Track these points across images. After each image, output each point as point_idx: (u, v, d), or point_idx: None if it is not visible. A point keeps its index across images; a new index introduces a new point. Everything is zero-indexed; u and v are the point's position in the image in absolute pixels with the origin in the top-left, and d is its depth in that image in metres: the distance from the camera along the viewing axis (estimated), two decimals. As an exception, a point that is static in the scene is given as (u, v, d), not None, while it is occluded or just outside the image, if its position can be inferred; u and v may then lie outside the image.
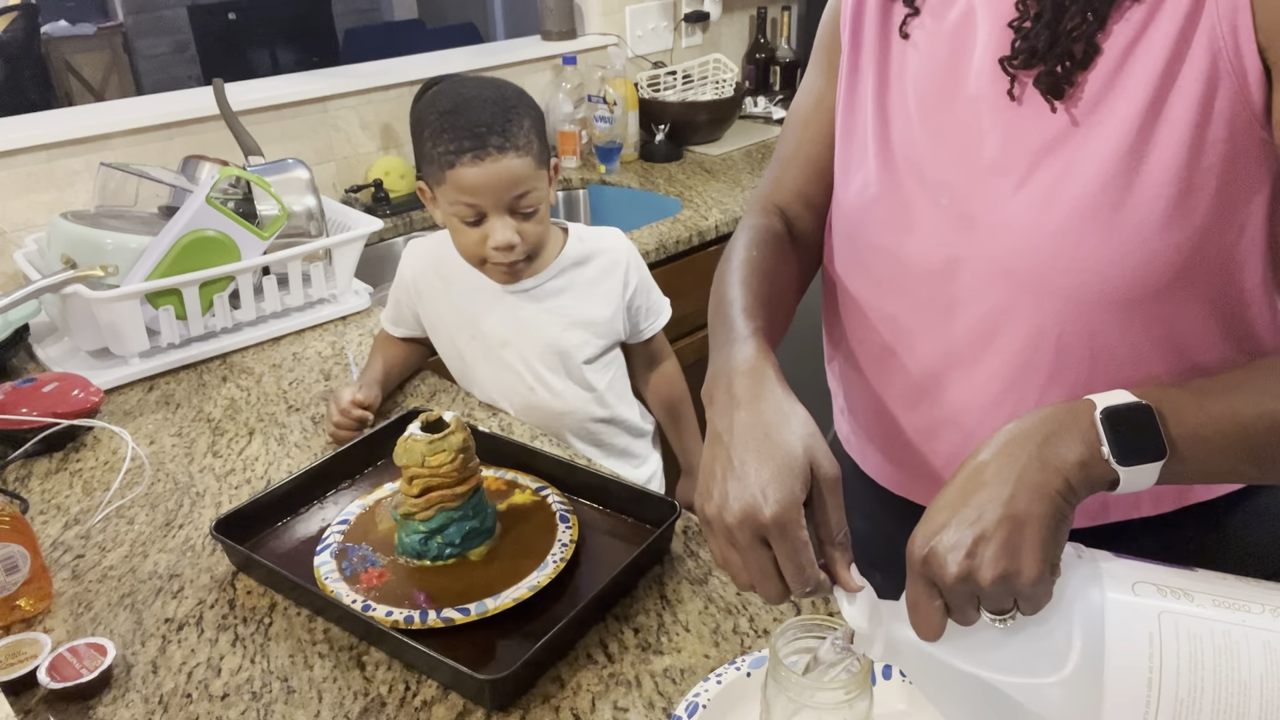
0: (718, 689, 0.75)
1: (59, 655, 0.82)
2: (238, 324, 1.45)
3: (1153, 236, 0.65)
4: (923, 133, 0.75)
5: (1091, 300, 0.68)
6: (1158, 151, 0.64)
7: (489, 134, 1.11)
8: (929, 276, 0.75)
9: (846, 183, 0.82)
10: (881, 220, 0.78)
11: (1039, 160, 0.68)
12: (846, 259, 0.84)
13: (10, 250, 1.57)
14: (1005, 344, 0.73)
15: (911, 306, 0.78)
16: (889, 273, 0.79)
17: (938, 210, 0.74)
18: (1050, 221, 0.68)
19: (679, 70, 2.56)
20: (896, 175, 0.77)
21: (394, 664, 0.83)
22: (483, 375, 1.28)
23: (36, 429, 1.14)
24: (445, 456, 0.90)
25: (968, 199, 0.72)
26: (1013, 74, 0.68)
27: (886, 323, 0.81)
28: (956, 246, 0.73)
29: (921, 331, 0.78)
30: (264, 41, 4.67)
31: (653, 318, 1.33)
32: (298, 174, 1.54)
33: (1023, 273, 0.70)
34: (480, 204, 1.13)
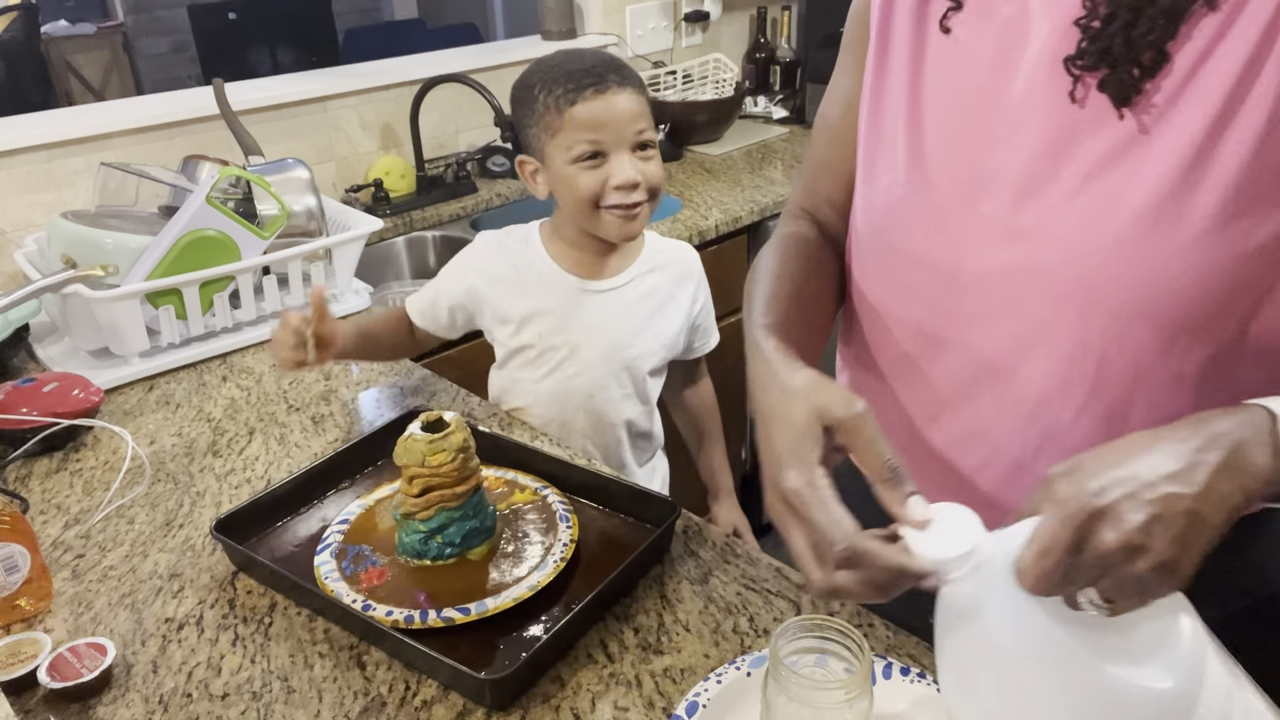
0: (718, 688, 0.75)
1: (59, 655, 0.82)
2: (238, 324, 1.45)
3: (1209, 255, 0.62)
4: (962, 133, 0.72)
5: (1140, 318, 0.65)
6: (1221, 167, 0.61)
7: (607, 70, 1.12)
8: (961, 284, 0.72)
9: (871, 181, 0.79)
10: (910, 222, 0.75)
11: (1097, 168, 0.65)
12: (868, 262, 0.81)
13: (10, 250, 1.57)
14: (1044, 357, 0.69)
15: (940, 314, 0.74)
16: (916, 278, 0.76)
17: (974, 215, 0.71)
18: (1105, 233, 0.64)
19: (679, 70, 2.56)
20: (929, 176, 0.74)
21: (394, 664, 0.83)
22: (545, 374, 1.24)
23: (37, 429, 1.14)
24: (445, 456, 0.90)
25: (1012, 204, 0.69)
26: (1076, 75, 0.65)
27: (909, 330, 0.78)
28: (995, 254, 0.70)
29: (950, 341, 0.74)
30: (264, 41, 4.67)
31: (705, 338, 1.32)
32: (298, 174, 1.54)
33: (1070, 285, 0.66)
34: (602, 139, 1.11)
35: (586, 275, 1.22)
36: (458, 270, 1.25)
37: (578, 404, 1.23)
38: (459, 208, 2.07)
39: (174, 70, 5.11)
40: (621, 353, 1.22)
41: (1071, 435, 0.71)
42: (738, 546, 0.96)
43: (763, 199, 2.05)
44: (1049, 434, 0.71)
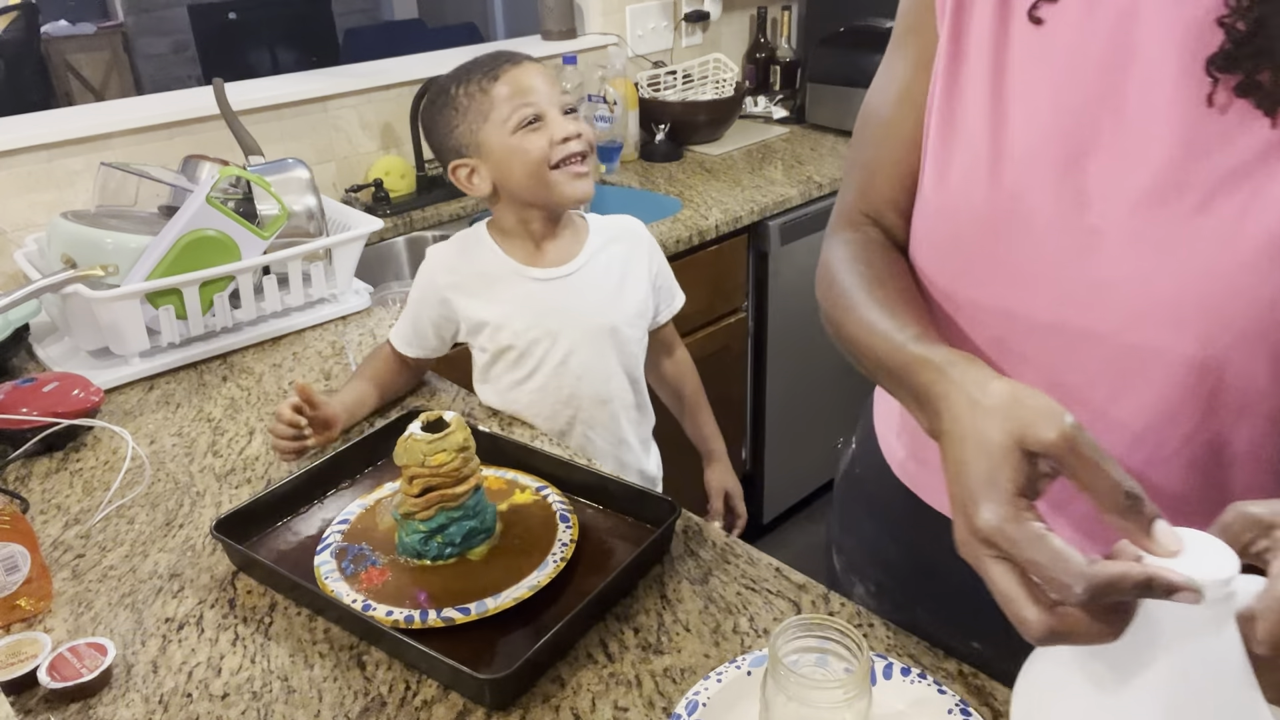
0: (718, 687, 0.76)
1: (59, 655, 0.82)
2: (238, 324, 1.45)
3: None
4: (1061, 136, 0.65)
5: (1265, 346, 0.59)
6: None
7: (510, 52, 1.19)
8: (1056, 298, 0.66)
9: (943, 180, 0.72)
10: (993, 228, 0.68)
11: (1231, 179, 0.59)
12: (937, 268, 0.74)
13: (10, 250, 1.57)
14: (1153, 381, 0.63)
15: (1025, 330, 0.68)
16: (997, 290, 0.69)
17: (1078, 225, 0.64)
18: (1236, 252, 0.59)
19: (679, 70, 2.56)
20: (1019, 181, 0.67)
21: (394, 664, 0.83)
22: (533, 368, 1.24)
23: (37, 429, 1.14)
24: (445, 456, 0.90)
25: (1129, 216, 0.62)
26: (1216, 78, 0.59)
27: (990, 345, 0.71)
28: (1100, 267, 0.63)
29: (1037, 359, 0.68)
30: (264, 41, 4.67)
31: (670, 300, 1.34)
32: (298, 174, 1.54)
33: (1192, 306, 0.61)
34: (537, 101, 1.15)
35: (546, 264, 1.23)
36: (425, 288, 1.25)
37: (570, 390, 1.24)
38: (459, 208, 2.07)
39: (174, 70, 5.11)
40: (601, 328, 1.24)
41: (1173, 464, 0.66)
42: (737, 547, 0.96)
43: (763, 199, 2.05)
44: (1150, 462, 0.67)
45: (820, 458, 2.50)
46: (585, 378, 1.24)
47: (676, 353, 1.40)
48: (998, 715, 0.75)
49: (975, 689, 0.77)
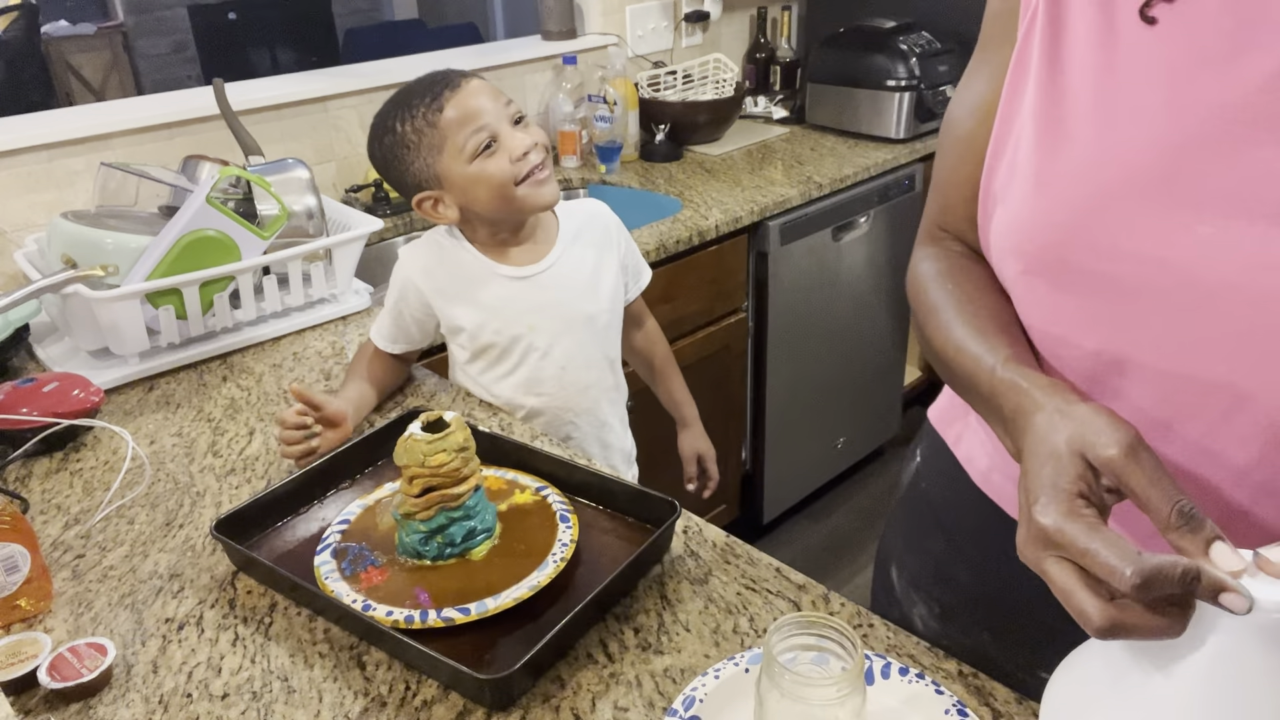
0: (715, 684, 0.76)
1: (59, 655, 0.82)
2: (238, 324, 1.45)
3: None
4: (1178, 140, 0.60)
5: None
6: None
7: (445, 75, 1.17)
8: (1169, 307, 0.62)
9: (1044, 185, 0.67)
10: (1108, 235, 0.64)
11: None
12: (1034, 276, 0.69)
13: (10, 250, 1.57)
14: (1258, 414, 0.60)
15: (1133, 340, 0.64)
16: (1105, 298, 0.65)
17: (1190, 233, 0.60)
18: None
19: (679, 70, 2.56)
20: (1130, 184, 0.63)
21: (394, 664, 0.83)
22: (512, 369, 1.26)
23: (37, 429, 1.14)
24: (445, 456, 0.90)
25: (1244, 224, 0.58)
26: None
27: (1088, 356, 0.68)
28: (1220, 274, 0.59)
29: (1145, 370, 0.65)
30: (264, 41, 4.67)
31: (639, 277, 1.37)
32: (298, 174, 1.54)
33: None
34: (488, 122, 1.14)
35: (521, 263, 1.24)
36: (404, 288, 1.26)
37: (553, 381, 1.26)
38: (459, 208, 2.07)
39: (174, 70, 5.11)
40: (579, 318, 1.26)
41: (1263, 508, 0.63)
42: (738, 547, 0.96)
43: (763, 199, 2.05)
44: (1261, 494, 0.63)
45: (820, 458, 2.50)
46: (568, 368, 1.26)
47: (646, 324, 1.43)
48: (998, 715, 0.75)
49: (975, 689, 0.77)
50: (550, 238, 1.27)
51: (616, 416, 1.35)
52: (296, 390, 1.10)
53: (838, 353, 2.38)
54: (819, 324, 2.28)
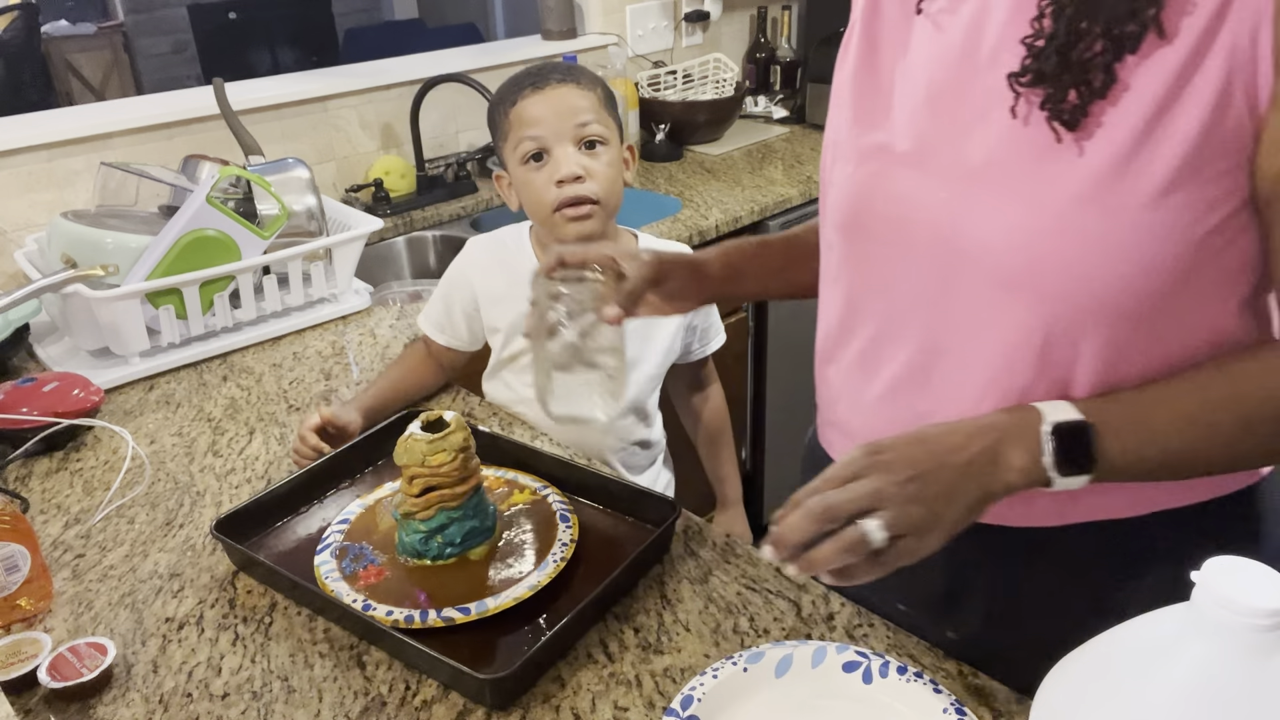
0: (714, 683, 0.76)
1: (59, 655, 0.82)
2: (238, 323, 1.45)
3: (1144, 248, 0.65)
4: (930, 121, 0.73)
5: (1080, 305, 0.68)
6: (1156, 166, 0.64)
7: (551, 71, 1.14)
8: (924, 270, 0.74)
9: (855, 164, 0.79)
10: (885, 206, 0.76)
11: (1039, 167, 0.67)
12: (843, 252, 0.82)
13: (10, 250, 1.57)
14: (991, 340, 0.72)
15: (905, 297, 0.77)
16: (886, 266, 0.78)
17: (937, 201, 0.73)
18: (1046, 226, 0.67)
19: (679, 70, 2.56)
20: (900, 160, 0.75)
21: (394, 663, 0.83)
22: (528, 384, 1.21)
23: (37, 428, 1.14)
24: (445, 456, 0.90)
25: (966, 190, 0.71)
26: (1019, 92, 0.67)
27: (878, 315, 0.80)
28: (950, 240, 0.72)
29: (914, 323, 0.77)
30: (264, 41, 4.67)
31: (707, 340, 1.30)
32: (298, 173, 1.54)
33: (1015, 269, 0.69)
34: (541, 134, 1.11)
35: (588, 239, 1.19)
36: (458, 276, 1.25)
37: None
38: (459, 208, 2.07)
39: (174, 70, 5.11)
40: None
41: None
42: (738, 546, 0.96)
43: (763, 199, 2.05)
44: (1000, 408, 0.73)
45: (820, 458, 2.50)
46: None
47: (708, 389, 1.36)
48: (997, 715, 0.75)
49: (974, 689, 0.77)
50: None
51: (638, 476, 1.29)
52: (328, 417, 1.10)
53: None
54: (819, 324, 2.28)
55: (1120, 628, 0.56)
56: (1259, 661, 0.50)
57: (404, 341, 1.44)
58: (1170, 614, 0.54)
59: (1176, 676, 0.52)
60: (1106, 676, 0.55)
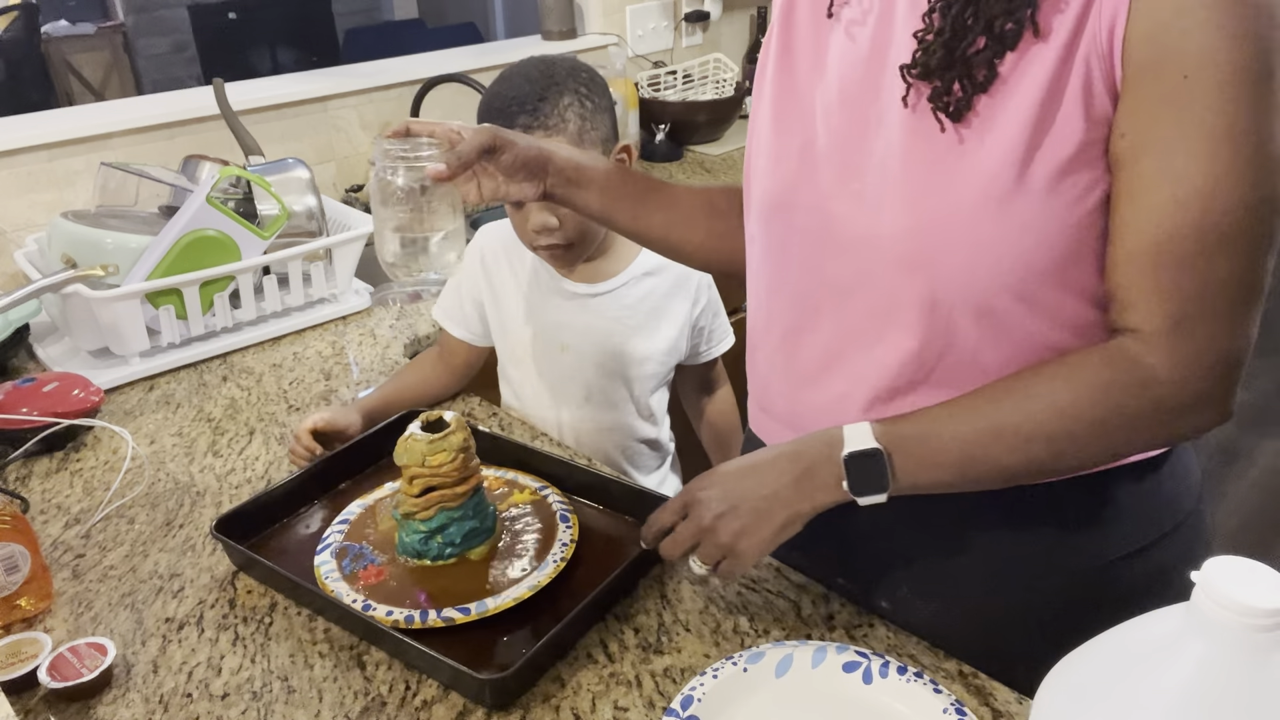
0: (714, 683, 0.76)
1: (59, 655, 0.82)
2: (238, 324, 1.45)
3: (1039, 229, 0.68)
4: (841, 119, 0.76)
5: (980, 285, 0.71)
6: (1046, 156, 0.67)
7: (518, 113, 1.08)
8: (836, 259, 0.78)
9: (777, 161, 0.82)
10: (801, 199, 0.80)
11: (925, 159, 0.71)
12: (764, 244, 0.85)
13: (10, 250, 1.57)
14: (898, 323, 0.75)
15: (820, 286, 0.80)
16: (801, 257, 0.81)
17: (848, 193, 0.76)
18: (949, 214, 0.70)
19: (679, 70, 2.56)
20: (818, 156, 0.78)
21: (394, 664, 0.83)
22: (538, 377, 1.23)
23: (37, 429, 1.14)
24: (445, 456, 0.90)
25: (877, 183, 0.74)
26: (910, 83, 0.71)
27: (796, 304, 0.83)
28: (866, 226, 0.75)
29: (829, 309, 0.80)
30: (264, 41, 4.67)
31: (714, 342, 1.29)
32: (298, 173, 1.54)
33: (921, 253, 0.72)
34: None
35: (579, 278, 1.20)
36: (468, 266, 1.24)
37: (574, 408, 1.23)
38: (459, 208, 2.07)
39: (174, 70, 5.11)
40: (615, 358, 1.21)
41: (930, 387, 0.77)
42: (738, 546, 0.96)
43: (763, 199, 2.04)
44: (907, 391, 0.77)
45: (820, 458, 2.50)
46: (592, 400, 1.22)
47: (718, 391, 1.36)
48: (997, 715, 0.75)
49: (975, 689, 0.78)
50: (623, 262, 1.21)
51: (642, 476, 1.29)
52: (323, 424, 1.10)
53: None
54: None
55: (1120, 627, 0.56)
56: (1259, 661, 0.50)
57: (404, 341, 1.44)
58: (1170, 614, 0.54)
59: (1176, 676, 0.52)
60: (1106, 676, 0.55)
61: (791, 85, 0.82)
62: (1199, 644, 0.51)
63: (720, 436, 1.38)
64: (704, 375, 1.34)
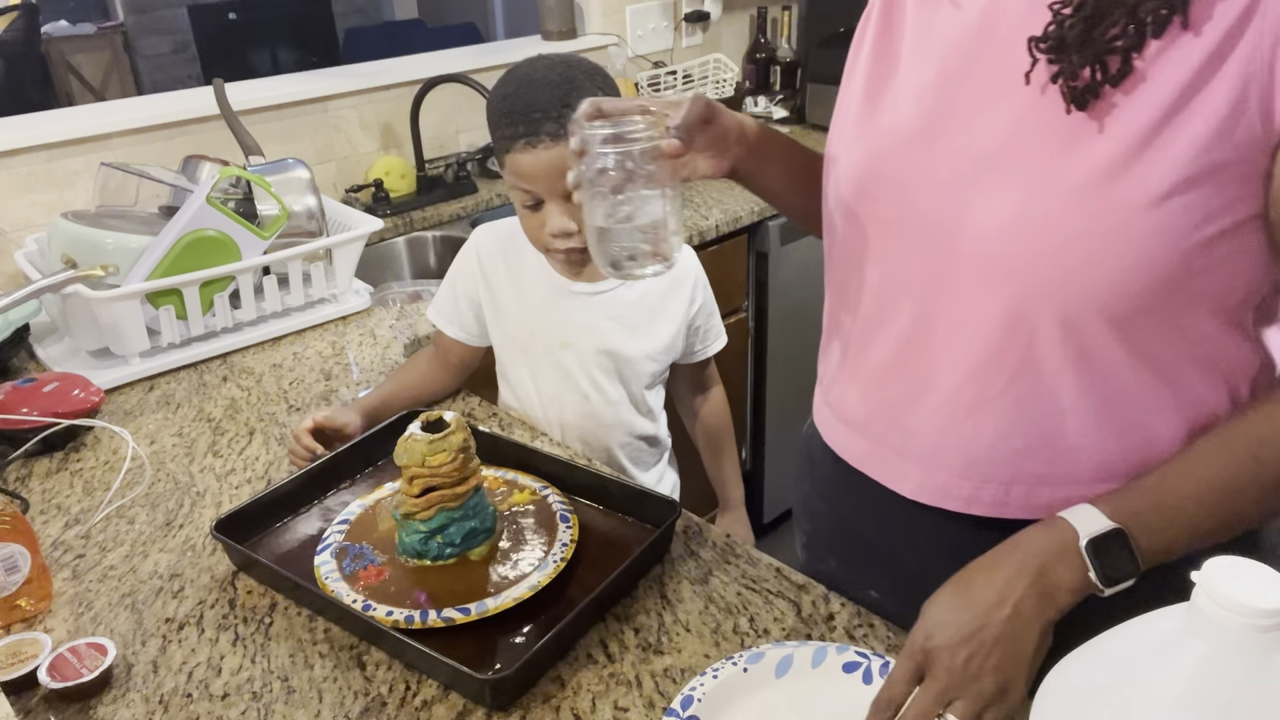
0: (714, 683, 0.76)
1: (59, 655, 0.82)
2: (238, 324, 1.45)
3: (1141, 248, 0.64)
4: (938, 101, 0.72)
5: (1070, 300, 0.67)
6: (1162, 165, 0.62)
7: (543, 120, 1.07)
8: (917, 253, 0.75)
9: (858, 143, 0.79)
10: (884, 188, 0.76)
11: (1044, 152, 0.66)
12: (843, 233, 0.83)
13: (11, 250, 1.57)
14: (978, 326, 0.72)
15: (897, 280, 0.77)
16: (881, 248, 0.78)
17: (936, 184, 0.72)
18: (1043, 215, 0.66)
19: (679, 70, 2.56)
20: (912, 140, 0.75)
21: (394, 664, 0.83)
22: (538, 376, 1.24)
23: (37, 429, 1.14)
24: (445, 456, 0.90)
25: (967, 173, 0.70)
26: (1036, 58, 0.66)
27: (871, 296, 0.80)
28: (949, 221, 0.72)
29: (903, 307, 0.77)
30: (264, 41, 4.67)
31: (708, 341, 1.30)
32: (298, 174, 1.54)
33: (1008, 258, 0.68)
34: (535, 190, 1.10)
35: (579, 278, 1.21)
36: (464, 266, 1.25)
37: (575, 409, 1.23)
38: (459, 208, 2.07)
39: (174, 70, 5.11)
40: (613, 356, 1.21)
41: (999, 405, 0.74)
42: (738, 547, 0.96)
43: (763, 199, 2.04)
44: (978, 402, 0.74)
45: (820, 458, 2.50)
46: (593, 396, 1.22)
47: (710, 390, 1.37)
48: (998, 715, 0.75)
49: (975, 689, 0.77)
50: None
51: (641, 472, 1.29)
52: (322, 421, 1.11)
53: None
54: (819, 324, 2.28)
55: (1120, 627, 0.56)
56: (1259, 661, 0.50)
57: (404, 341, 1.44)
58: (1170, 614, 0.54)
59: (1176, 676, 0.52)
60: (1106, 676, 0.55)
61: (886, 66, 0.78)
62: (1199, 644, 0.51)
63: (712, 435, 1.39)
64: (698, 375, 1.35)
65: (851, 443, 0.87)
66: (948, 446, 0.78)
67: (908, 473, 0.81)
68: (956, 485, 0.78)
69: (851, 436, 0.87)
